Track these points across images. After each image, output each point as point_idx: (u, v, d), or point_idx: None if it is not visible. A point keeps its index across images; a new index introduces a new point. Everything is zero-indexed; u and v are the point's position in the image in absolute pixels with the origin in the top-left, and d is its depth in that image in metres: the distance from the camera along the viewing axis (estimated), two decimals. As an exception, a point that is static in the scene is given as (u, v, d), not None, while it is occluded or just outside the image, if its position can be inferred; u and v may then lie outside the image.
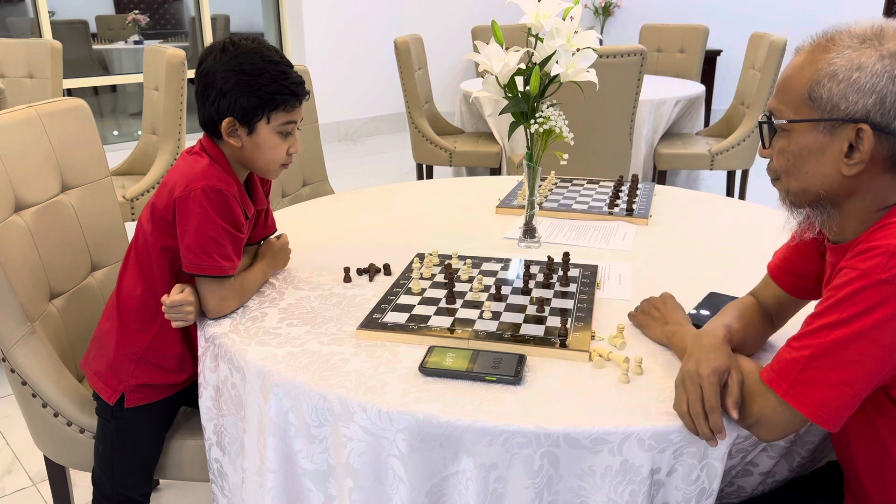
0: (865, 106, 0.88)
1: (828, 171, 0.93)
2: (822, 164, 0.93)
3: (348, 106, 6.15)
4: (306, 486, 1.10)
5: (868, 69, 0.87)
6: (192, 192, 1.23)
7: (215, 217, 1.24)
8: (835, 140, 0.91)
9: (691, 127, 4.08)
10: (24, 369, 1.37)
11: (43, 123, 1.51)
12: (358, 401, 1.02)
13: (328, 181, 2.58)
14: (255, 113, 1.25)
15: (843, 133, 0.90)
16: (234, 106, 1.25)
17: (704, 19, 5.46)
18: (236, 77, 1.24)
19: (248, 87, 1.24)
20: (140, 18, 5.83)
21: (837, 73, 0.89)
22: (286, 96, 1.26)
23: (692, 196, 2.02)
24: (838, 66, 0.89)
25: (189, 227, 1.23)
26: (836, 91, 0.89)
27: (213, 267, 1.24)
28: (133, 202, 2.86)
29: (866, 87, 0.87)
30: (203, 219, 1.23)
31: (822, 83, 0.90)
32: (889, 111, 0.87)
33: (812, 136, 0.92)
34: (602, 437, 0.96)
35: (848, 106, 0.89)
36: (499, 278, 1.42)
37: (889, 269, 0.84)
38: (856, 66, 0.88)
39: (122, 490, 1.40)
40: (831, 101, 0.89)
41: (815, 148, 0.93)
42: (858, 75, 0.88)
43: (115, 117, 6.14)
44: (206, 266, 1.24)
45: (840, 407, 0.88)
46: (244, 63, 1.25)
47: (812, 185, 0.95)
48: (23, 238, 1.40)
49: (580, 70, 1.46)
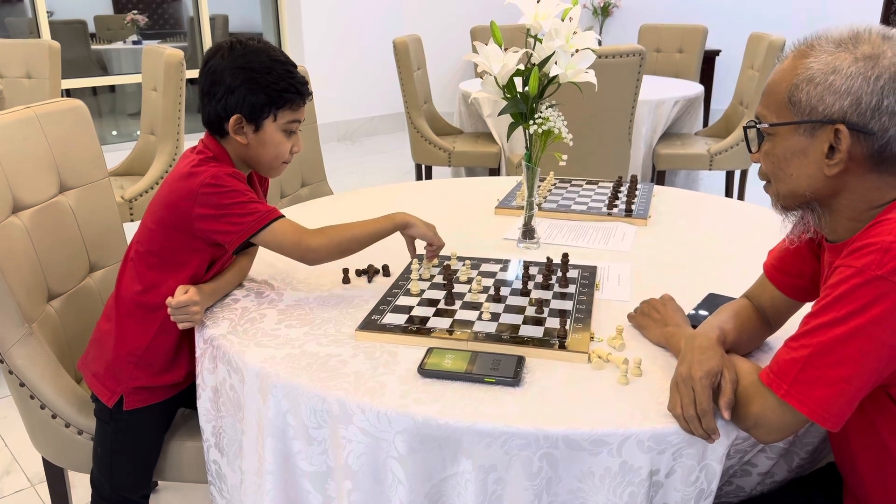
0: (842, 107, 0.90)
1: (812, 172, 0.95)
2: (806, 165, 0.95)
3: (347, 106, 6.15)
4: (305, 487, 1.10)
5: (843, 72, 0.90)
6: (202, 186, 1.24)
7: (235, 185, 1.25)
8: (815, 141, 0.93)
9: (690, 127, 4.08)
10: (22, 371, 1.37)
11: (41, 124, 1.50)
12: (357, 402, 1.02)
13: (327, 181, 2.57)
14: (263, 110, 1.27)
15: (823, 134, 0.92)
16: (242, 103, 1.26)
17: (703, 19, 5.46)
18: (245, 74, 1.26)
19: (257, 85, 1.26)
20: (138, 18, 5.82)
21: (815, 76, 0.91)
22: (293, 94, 1.28)
23: (691, 196, 2.02)
24: (815, 69, 0.92)
25: (217, 209, 1.24)
26: (813, 94, 0.92)
27: (260, 218, 1.24)
28: (132, 203, 2.85)
29: (842, 89, 0.90)
30: (221, 196, 1.24)
31: (800, 87, 0.93)
32: (865, 111, 0.89)
33: (795, 139, 0.95)
34: (601, 439, 0.96)
35: (825, 108, 0.91)
36: (498, 279, 1.42)
37: (884, 265, 0.84)
38: (831, 69, 0.91)
39: (120, 492, 1.39)
40: (810, 103, 0.92)
41: (798, 150, 0.95)
42: (834, 78, 0.90)
43: (113, 118, 6.14)
44: (254, 224, 1.24)
45: (840, 405, 0.88)
46: (253, 61, 1.26)
47: (798, 186, 0.97)
48: (21, 239, 1.40)
49: (579, 71, 1.46)
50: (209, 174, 1.24)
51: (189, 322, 1.26)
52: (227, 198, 1.24)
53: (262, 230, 1.25)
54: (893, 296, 0.84)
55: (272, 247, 1.27)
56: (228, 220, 1.24)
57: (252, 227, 1.24)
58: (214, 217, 1.24)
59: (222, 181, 1.24)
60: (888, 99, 0.88)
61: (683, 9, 6.35)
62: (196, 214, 1.24)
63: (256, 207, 1.26)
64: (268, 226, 1.25)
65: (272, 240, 1.26)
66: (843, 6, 5.75)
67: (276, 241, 1.26)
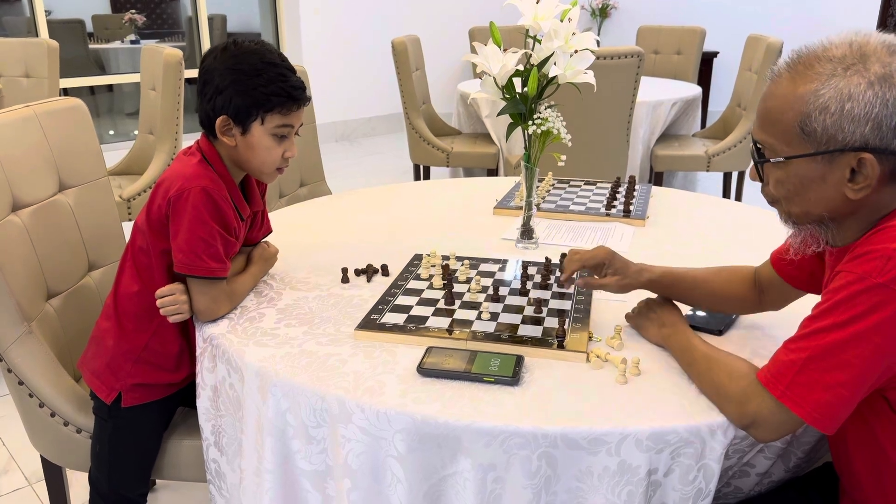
0: (864, 134, 0.87)
1: (831, 196, 0.93)
2: (825, 190, 0.93)
3: (346, 106, 6.15)
4: (304, 486, 1.10)
5: (859, 98, 0.86)
6: (184, 193, 1.23)
7: (207, 218, 1.24)
8: (835, 168, 0.90)
9: (688, 128, 4.09)
10: (20, 369, 1.37)
11: (40, 123, 1.50)
12: (356, 401, 1.02)
13: (325, 182, 2.57)
14: (249, 113, 1.26)
15: (844, 160, 0.90)
16: (228, 104, 1.25)
17: (701, 21, 5.46)
18: (233, 76, 1.25)
19: (244, 87, 1.24)
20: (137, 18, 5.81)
21: (828, 105, 0.88)
22: (281, 98, 1.26)
23: (689, 197, 2.02)
24: (827, 98, 0.88)
25: (181, 227, 1.24)
26: (829, 123, 0.88)
27: (202, 268, 1.24)
28: (130, 202, 2.85)
29: (861, 117, 0.87)
30: (194, 219, 1.23)
31: (812, 116, 0.89)
32: (886, 134, 0.87)
33: (811, 167, 0.92)
34: (600, 438, 0.96)
35: (845, 136, 0.88)
36: (496, 279, 1.43)
37: (886, 272, 0.84)
38: (846, 96, 0.87)
39: (118, 489, 1.39)
40: (826, 133, 0.89)
41: (815, 177, 0.92)
42: (851, 106, 0.87)
43: (111, 117, 6.12)
44: (196, 266, 1.24)
45: (836, 409, 0.89)
46: (243, 63, 1.25)
47: (815, 208, 0.95)
48: (20, 238, 1.40)
49: (578, 71, 1.46)
50: (197, 188, 1.23)
51: (179, 314, 1.26)
52: (201, 229, 1.24)
53: (199, 278, 1.25)
54: (894, 303, 0.84)
55: (193, 293, 1.26)
56: (185, 247, 1.24)
57: (194, 269, 1.24)
58: (176, 233, 1.24)
59: (204, 210, 1.23)
60: None
61: (681, 10, 6.36)
62: (165, 214, 1.25)
63: (216, 253, 1.25)
64: (208, 279, 1.25)
65: (198, 290, 1.26)
66: (841, 7, 5.76)
67: (202, 293, 1.26)
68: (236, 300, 1.32)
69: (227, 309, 1.29)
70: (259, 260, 1.42)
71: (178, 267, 1.25)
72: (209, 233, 1.24)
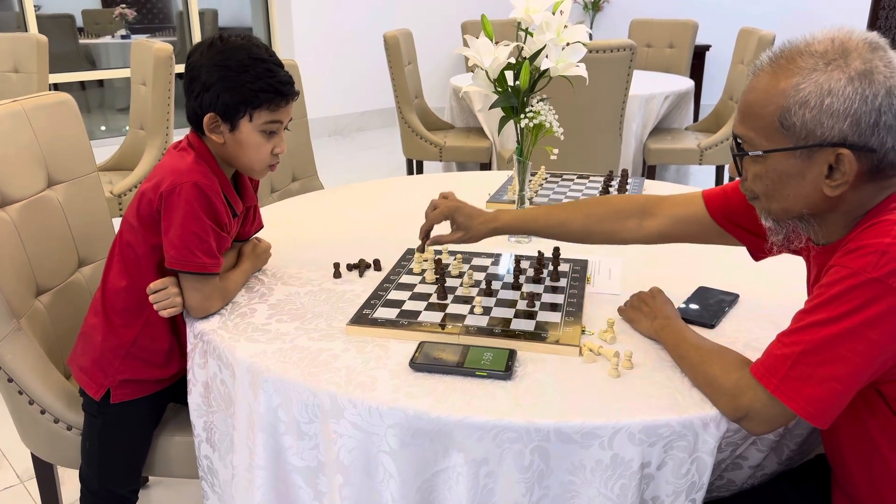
0: (842, 130, 0.87)
1: (809, 192, 0.93)
2: (803, 186, 0.93)
3: (338, 101, 6.13)
4: (296, 482, 1.09)
5: (839, 94, 0.86)
6: (178, 188, 1.21)
7: (200, 213, 1.23)
8: (813, 164, 0.91)
9: (680, 122, 4.09)
10: (10, 366, 1.36)
11: (29, 118, 1.49)
12: (348, 397, 1.02)
13: (318, 176, 2.57)
14: (237, 110, 1.24)
15: (822, 156, 0.90)
16: (216, 101, 1.24)
17: (693, 14, 5.46)
18: (220, 72, 1.23)
19: (231, 84, 1.23)
20: (127, 13, 5.77)
21: (808, 99, 0.88)
22: (270, 94, 1.25)
23: (681, 191, 2.02)
24: (807, 92, 0.88)
25: (173, 222, 1.22)
26: (809, 118, 0.88)
27: (195, 263, 1.23)
28: (121, 198, 2.84)
29: (840, 112, 0.87)
30: (187, 214, 1.22)
31: (792, 110, 0.89)
32: (865, 130, 0.87)
33: (790, 162, 0.92)
34: (592, 432, 0.96)
35: (824, 131, 0.88)
36: (489, 273, 1.42)
37: (880, 267, 0.84)
38: (826, 90, 0.87)
39: (108, 486, 1.39)
40: (805, 127, 0.89)
41: (794, 172, 0.92)
42: (830, 101, 0.87)
43: (102, 112, 6.09)
44: (188, 262, 1.23)
45: (829, 404, 0.89)
46: (230, 59, 1.24)
47: (794, 205, 0.95)
48: (8, 234, 1.39)
49: (570, 64, 1.45)
50: (190, 183, 1.22)
51: (172, 307, 1.25)
52: (194, 224, 1.22)
53: (192, 273, 1.24)
54: (888, 298, 0.84)
55: (186, 290, 1.25)
56: (177, 242, 1.22)
57: (187, 265, 1.23)
58: (168, 228, 1.23)
59: (197, 205, 1.22)
60: (885, 115, 0.86)
61: (674, 4, 6.35)
62: (157, 209, 1.24)
63: (209, 249, 1.24)
64: (200, 275, 1.24)
65: (190, 286, 1.25)
66: (832, 1, 5.77)
67: (194, 289, 1.25)
68: (228, 297, 1.31)
69: (219, 306, 1.28)
70: (251, 256, 1.41)
71: (171, 262, 1.24)
72: (202, 228, 1.23)
